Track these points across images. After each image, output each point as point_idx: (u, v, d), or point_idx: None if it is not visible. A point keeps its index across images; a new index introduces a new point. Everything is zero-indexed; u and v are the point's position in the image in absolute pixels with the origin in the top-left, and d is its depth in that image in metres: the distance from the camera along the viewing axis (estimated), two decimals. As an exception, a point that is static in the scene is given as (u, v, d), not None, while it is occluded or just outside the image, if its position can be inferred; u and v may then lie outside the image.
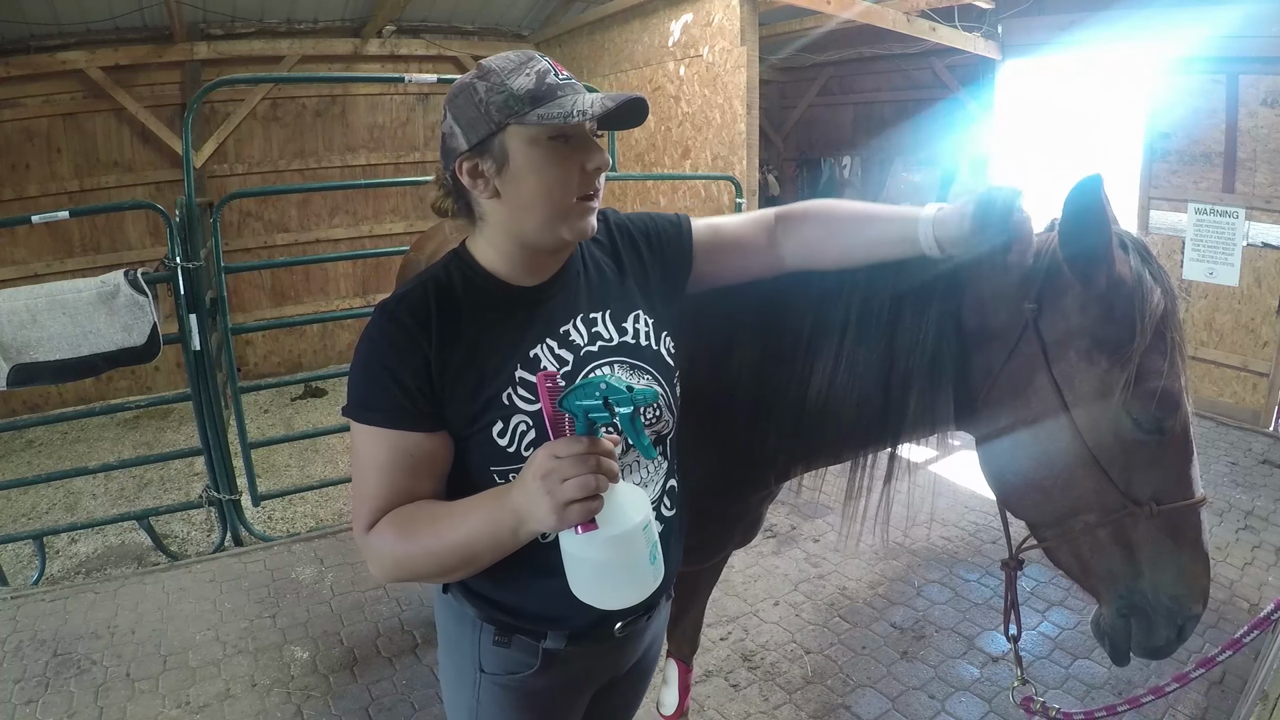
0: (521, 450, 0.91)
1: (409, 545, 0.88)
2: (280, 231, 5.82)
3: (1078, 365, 1.03)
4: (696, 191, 4.56)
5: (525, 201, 0.90)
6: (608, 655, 1.08)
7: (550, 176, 0.89)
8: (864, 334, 1.18)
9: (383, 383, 0.89)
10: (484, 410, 0.91)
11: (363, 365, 0.91)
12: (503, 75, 0.89)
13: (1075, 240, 1.00)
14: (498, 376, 0.92)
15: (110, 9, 4.69)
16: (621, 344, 1.00)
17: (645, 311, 1.05)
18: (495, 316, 0.94)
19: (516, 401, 0.92)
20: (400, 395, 0.89)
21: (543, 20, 6.20)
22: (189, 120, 3.04)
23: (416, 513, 0.90)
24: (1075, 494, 1.06)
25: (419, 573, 0.91)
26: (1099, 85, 5.20)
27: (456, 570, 0.91)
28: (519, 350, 0.94)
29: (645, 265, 1.08)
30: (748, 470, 1.37)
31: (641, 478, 1.01)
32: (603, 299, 1.02)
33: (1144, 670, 2.32)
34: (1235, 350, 4.56)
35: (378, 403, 0.90)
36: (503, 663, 1.02)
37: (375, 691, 2.32)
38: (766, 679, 2.41)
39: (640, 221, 1.12)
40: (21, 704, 2.27)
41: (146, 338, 2.80)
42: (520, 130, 0.88)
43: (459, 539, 0.86)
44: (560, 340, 0.96)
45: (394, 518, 0.90)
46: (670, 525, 1.05)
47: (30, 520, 3.66)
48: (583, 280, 1.01)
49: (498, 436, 0.91)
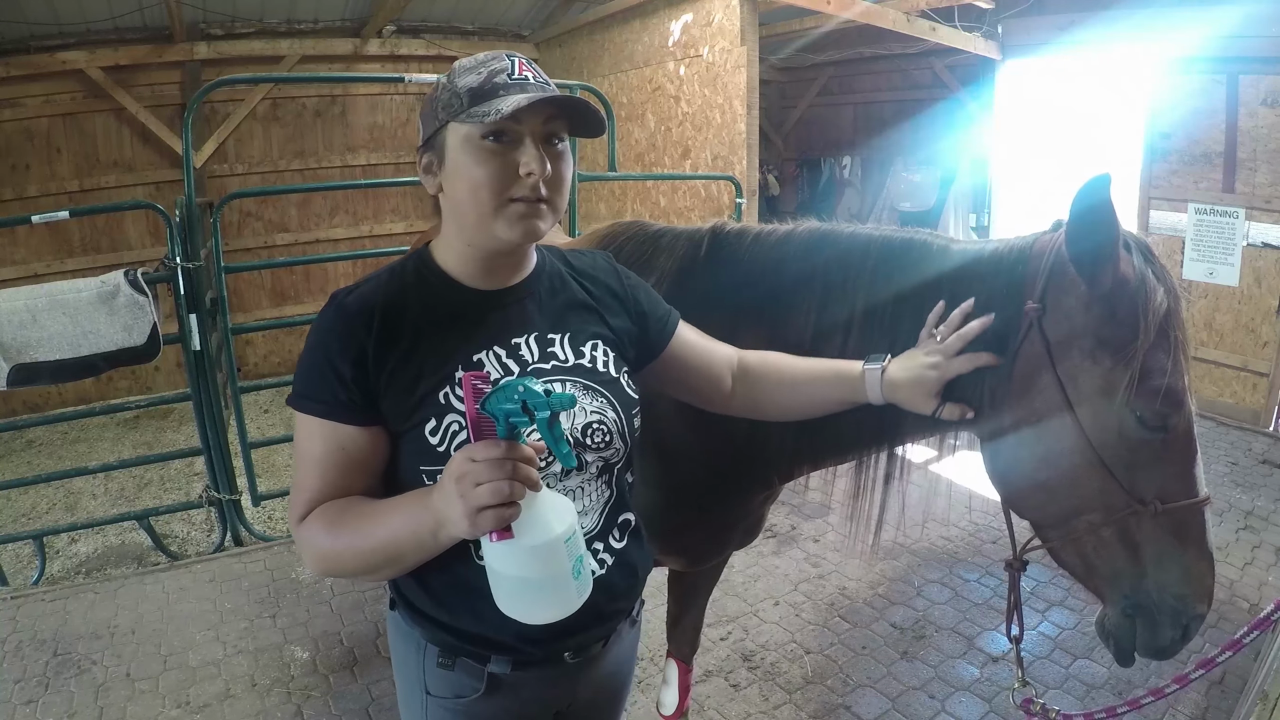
0: (451, 450, 0.88)
1: (335, 541, 0.88)
2: (280, 231, 5.82)
3: (1082, 364, 1.03)
4: (696, 191, 4.55)
5: (458, 199, 0.90)
6: (561, 682, 1.01)
7: (477, 175, 0.87)
8: (869, 332, 1.18)
9: (322, 372, 0.89)
10: (419, 407, 0.89)
11: (307, 355, 0.91)
12: (458, 74, 0.90)
13: (1082, 239, 1.00)
14: (436, 374, 0.90)
15: (110, 9, 4.69)
16: (577, 365, 0.97)
17: (608, 345, 1.01)
18: (443, 315, 0.93)
19: (453, 401, 0.90)
20: (337, 386, 0.88)
21: (543, 20, 6.20)
22: (189, 120, 3.04)
23: (345, 508, 0.89)
24: (1080, 493, 1.06)
25: (346, 569, 0.91)
26: (1099, 85, 5.20)
27: (382, 569, 0.89)
28: (463, 352, 0.92)
29: (627, 321, 1.05)
30: (752, 470, 1.37)
31: (583, 505, 0.96)
32: (563, 322, 0.99)
33: (1144, 671, 2.32)
34: (1235, 350, 4.56)
35: (315, 392, 0.89)
36: (448, 685, 0.97)
37: (375, 691, 2.32)
38: (766, 679, 2.41)
39: (644, 288, 1.11)
40: (21, 704, 2.27)
41: (146, 338, 2.80)
42: (456, 128, 0.88)
43: (383, 537, 0.86)
44: (509, 350, 0.94)
45: (323, 512, 0.90)
46: (621, 556, 1.00)
47: (30, 520, 3.66)
48: (545, 297, 0.99)
49: (429, 434, 0.89)
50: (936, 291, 1.13)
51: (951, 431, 1.20)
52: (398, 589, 1.00)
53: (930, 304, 1.12)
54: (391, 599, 1.02)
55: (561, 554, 0.78)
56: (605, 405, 0.97)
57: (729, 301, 1.28)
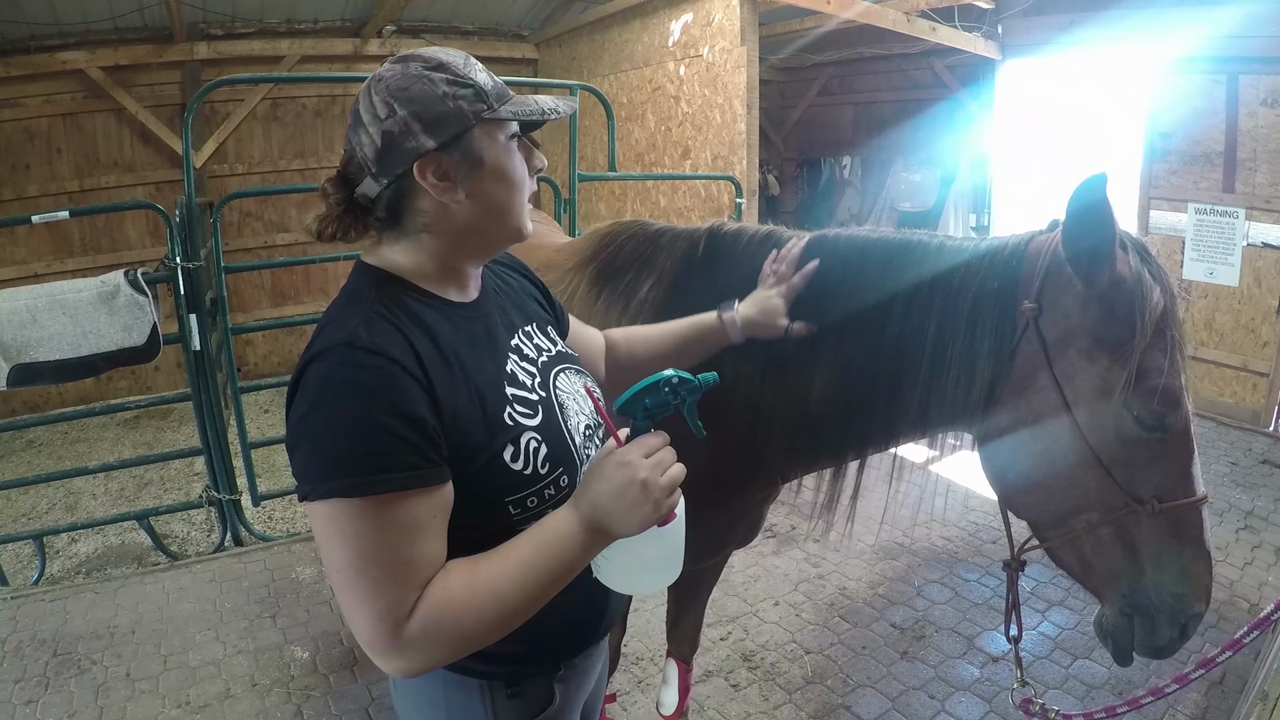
0: (538, 469, 0.84)
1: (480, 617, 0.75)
2: (280, 231, 5.82)
3: (1078, 364, 1.03)
4: (696, 191, 4.55)
5: (499, 201, 0.85)
6: (594, 660, 1.06)
7: (519, 176, 0.87)
8: (864, 336, 1.18)
9: (390, 434, 0.72)
10: (493, 435, 0.82)
11: (350, 420, 0.72)
12: (458, 69, 0.82)
13: (1079, 239, 1.00)
14: (493, 395, 0.84)
15: (110, 9, 4.69)
16: (560, 353, 1.00)
17: (547, 324, 1.04)
18: (462, 336, 0.86)
19: (519, 419, 0.85)
20: (420, 441, 0.74)
21: (543, 20, 6.20)
22: (189, 120, 3.04)
23: (466, 574, 0.77)
24: (1077, 493, 1.06)
25: (492, 634, 0.78)
26: (1099, 85, 5.20)
27: (527, 614, 0.79)
28: (498, 365, 0.87)
29: (542, 297, 1.09)
30: (747, 471, 1.37)
31: None
32: (524, 313, 1.01)
33: (1144, 670, 2.32)
34: (1235, 350, 4.56)
35: (394, 460, 0.72)
36: (520, 713, 0.95)
37: (375, 691, 2.32)
38: (766, 679, 2.41)
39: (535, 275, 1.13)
40: (21, 704, 2.27)
41: (146, 338, 2.80)
42: (492, 127, 0.83)
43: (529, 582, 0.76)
44: (518, 354, 0.93)
45: (441, 595, 0.75)
46: None
47: (30, 520, 3.66)
48: (502, 297, 0.99)
49: (510, 460, 0.82)
50: (932, 290, 1.13)
51: (947, 432, 1.20)
52: None
53: (928, 304, 1.13)
54: None
55: (683, 525, 0.84)
56: (588, 378, 1.01)
57: (728, 300, 1.28)
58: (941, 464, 3.84)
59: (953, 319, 1.11)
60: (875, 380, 1.17)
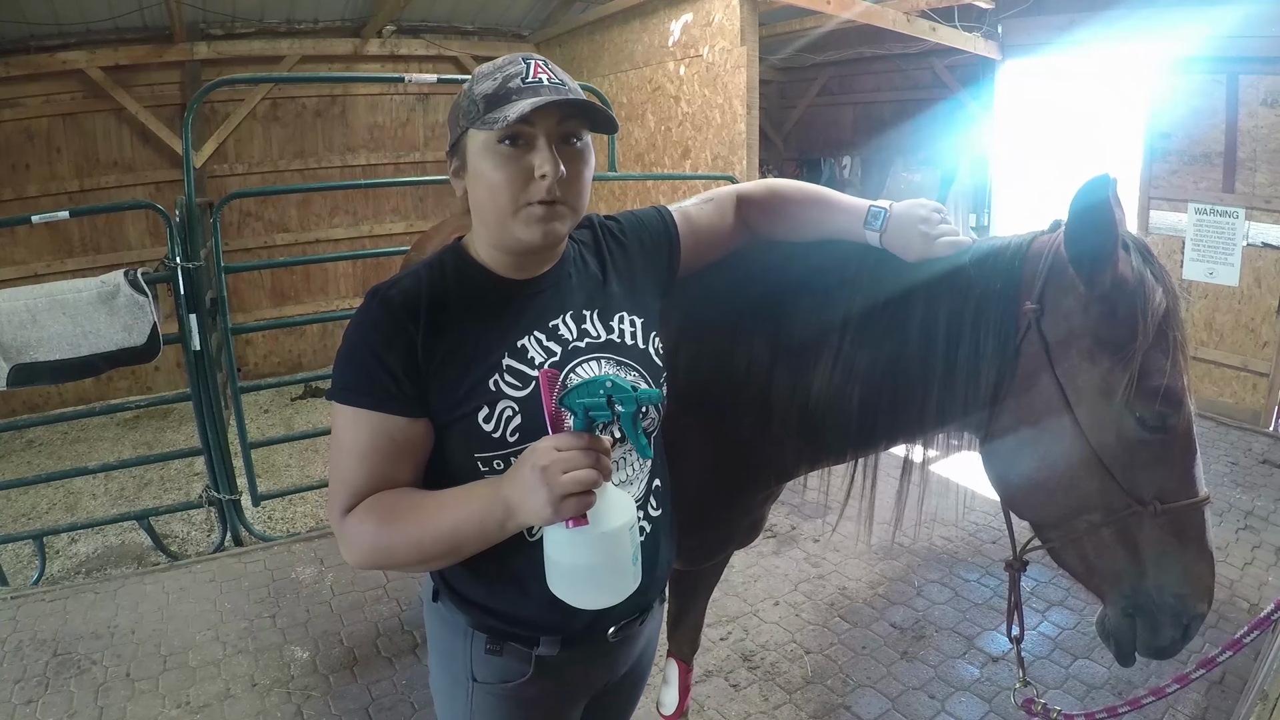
0: (507, 436, 0.91)
1: (390, 533, 0.88)
2: (280, 231, 5.82)
3: (1080, 365, 1.03)
4: (696, 191, 4.55)
5: (478, 203, 0.93)
6: (602, 661, 1.07)
7: (494, 179, 0.89)
8: (868, 330, 1.18)
9: (369, 366, 0.90)
10: (469, 396, 0.91)
11: (349, 349, 0.92)
12: (477, 80, 0.92)
13: (1081, 240, 0.99)
14: (485, 363, 0.92)
15: (110, 9, 4.69)
16: (608, 341, 1.01)
17: (631, 312, 1.05)
18: (485, 306, 0.95)
19: (504, 388, 0.92)
20: (385, 377, 0.89)
21: (543, 20, 6.20)
22: (189, 120, 3.04)
23: (399, 500, 0.90)
24: (1079, 494, 1.06)
25: (397, 560, 0.91)
26: (1099, 85, 5.20)
27: (437, 560, 0.91)
28: (507, 339, 0.95)
29: (633, 265, 1.09)
30: (752, 470, 1.37)
31: (626, 475, 1.00)
32: (591, 298, 1.02)
33: (1144, 670, 2.32)
34: (1235, 350, 4.56)
35: (362, 385, 0.90)
36: (495, 671, 1.01)
37: (375, 691, 2.32)
38: (766, 679, 2.41)
39: (626, 220, 1.14)
40: (21, 704, 2.27)
41: (146, 338, 2.80)
42: (475, 134, 0.90)
43: (444, 528, 0.87)
44: (549, 333, 0.97)
45: (374, 504, 0.90)
46: (658, 524, 1.05)
47: (30, 520, 3.66)
48: (575, 279, 1.02)
49: (483, 422, 0.91)
50: (934, 290, 1.13)
51: (949, 432, 1.20)
52: (444, 579, 1.02)
53: (936, 302, 1.12)
54: (435, 590, 1.04)
55: (625, 542, 0.83)
56: (638, 379, 1.01)
57: (730, 298, 1.28)
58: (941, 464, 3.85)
59: (955, 319, 1.11)
60: (881, 379, 1.17)
